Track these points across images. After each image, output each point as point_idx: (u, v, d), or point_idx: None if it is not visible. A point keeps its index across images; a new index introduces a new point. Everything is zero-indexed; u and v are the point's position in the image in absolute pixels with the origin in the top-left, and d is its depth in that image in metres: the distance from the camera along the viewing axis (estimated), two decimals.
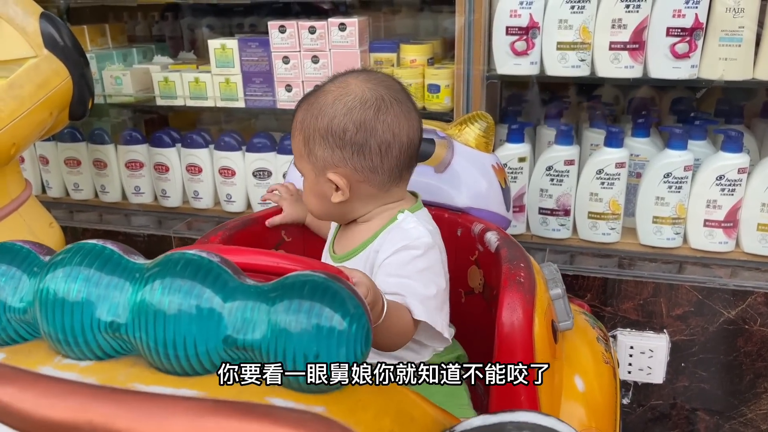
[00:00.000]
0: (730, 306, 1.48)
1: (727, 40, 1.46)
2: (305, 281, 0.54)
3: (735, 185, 1.51)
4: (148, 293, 0.54)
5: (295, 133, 0.97)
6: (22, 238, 1.55)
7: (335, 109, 0.92)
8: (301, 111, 0.96)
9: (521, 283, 0.94)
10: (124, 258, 0.58)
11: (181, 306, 0.53)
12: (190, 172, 1.91)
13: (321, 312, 0.52)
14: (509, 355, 0.90)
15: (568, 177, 1.62)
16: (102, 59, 1.95)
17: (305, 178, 0.99)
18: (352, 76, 0.95)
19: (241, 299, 0.54)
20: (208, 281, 0.54)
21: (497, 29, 1.57)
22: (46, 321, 0.56)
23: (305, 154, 0.95)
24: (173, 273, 0.54)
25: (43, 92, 1.46)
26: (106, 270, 0.56)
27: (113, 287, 0.56)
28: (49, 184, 2.09)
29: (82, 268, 0.56)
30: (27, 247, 0.61)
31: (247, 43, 1.78)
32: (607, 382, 1.11)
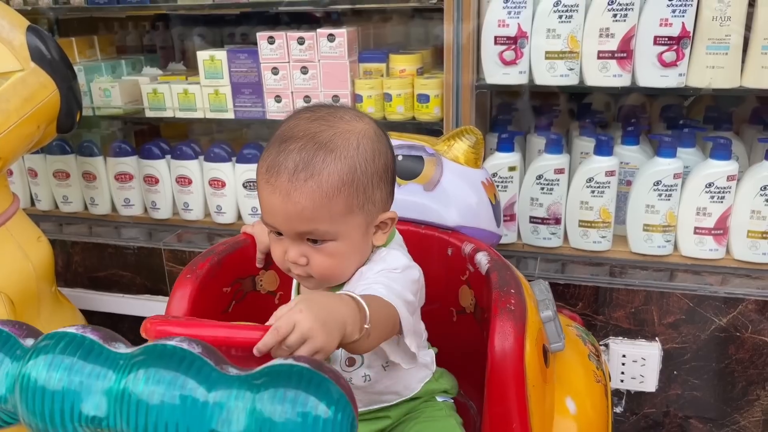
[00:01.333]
0: (722, 313, 1.48)
1: (714, 49, 1.47)
2: (289, 370, 0.54)
3: (724, 192, 1.52)
4: (131, 383, 0.54)
5: (332, 195, 0.82)
6: (10, 254, 1.54)
7: (374, 150, 0.86)
8: (333, 165, 0.82)
9: (512, 311, 0.94)
10: (105, 348, 0.57)
11: (165, 396, 0.53)
12: (180, 183, 1.90)
13: (306, 401, 0.52)
14: (501, 384, 0.91)
15: (559, 186, 1.62)
16: (90, 71, 1.94)
17: (345, 242, 0.86)
18: (335, 113, 0.88)
19: (225, 389, 0.54)
20: (191, 372, 0.54)
21: (486, 39, 1.57)
22: (26, 409, 0.56)
23: (358, 207, 0.85)
24: (157, 363, 0.54)
25: (30, 106, 1.46)
26: (88, 359, 0.56)
27: (95, 376, 0.55)
28: (38, 196, 2.08)
29: (64, 357, 0.56)
30: (6, 330, 0.61)
31: (236, 54, 1.78)
32: (599, 402, 1.11)
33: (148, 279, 1.90)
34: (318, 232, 0.84)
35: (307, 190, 0.81)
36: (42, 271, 1.58)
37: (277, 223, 0.85)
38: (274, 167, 0.83)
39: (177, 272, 1.82)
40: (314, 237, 0.85)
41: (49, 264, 1.62)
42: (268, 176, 0.84)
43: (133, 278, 1.91)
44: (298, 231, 0.85)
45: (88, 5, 1.84)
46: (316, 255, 0.86)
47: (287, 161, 0.82)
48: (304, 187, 0.81)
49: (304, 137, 0.84)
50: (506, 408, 0.91)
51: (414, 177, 1.23)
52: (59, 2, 1.88)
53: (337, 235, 0.85)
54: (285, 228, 0.85)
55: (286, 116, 0.90)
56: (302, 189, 0.81)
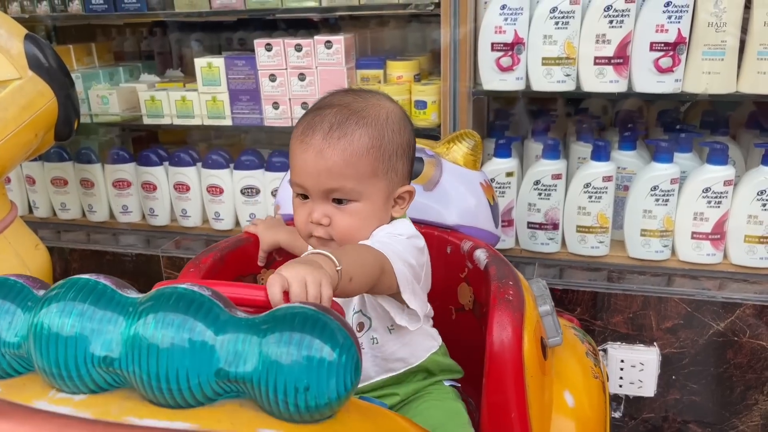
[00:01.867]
0: (719, 318, 1.49)
1: (710, 54, 1.47)
2: (295, 314, 0.55)
3: (721, 197, 1.52)
4: (141, 327, 0.55)
5: (362, 154, 0.89)
6: (8, 261, 1.54)
7: (401, 125, 0.95)
8: (364, 129, 0.90)
9: (510, 301, 0.95)
10: (117, 292, 0.58)
11: (174, 339, 0.54)
12: (178, 190, 1.90)
13: (311, 344, 0.53)
14: (499, 373, 0.91)
15: (556, 191, 1.63)
16: (88, 78, 1.95)
17: (367, 204, 0.92)
18: (367, 92, 0.97)
19: (233, 332, 0.55)
20: (200, 315, 0.55)
21: (482, 45, 1.58)
22: (40, 355, 0.56)
23: (382, 172, 0.92)
24: (166, 307, 0.55)
25: (28, 114, 1.46)
26: (99, 305, 0.57)
27: (107, 321, 0.56)
28: (36, 204, 2.08)
29: (75, 303, 0.57)
30: (21, 281, 0.62)
31: (233, 61, 1.78)
32: (597, 397, 1.11)
33: (146, 286, 1.85)
34: (344, 189, 0.90)
35: (339, 147, 0.89)
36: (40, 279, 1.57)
37: (307, 180, 0.91)
38: (310, 127, 0.91)
39: (175, 279, 1.82)
40: (340, 196, 0.91)
41: (47, 271, 1.62)
42: (303, 136, 0.91)
43: (131, 285, 1.89)
44: (325, 187, 0.90)
45: (85, 13, 1.84)
46: (339, 215, 0.92)
47: (323, 123, 0.90)
48: (336, 145, 0.89)
49: (338, 105, 0.92)
50: (505, 397, 0.91)
51: (414, 177, 1.23)
52: (57, 10, 1.88)
53: (361, 195, 0.91)
54: (313, 185, 0.91)
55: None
56: (335, 146, 0.89)
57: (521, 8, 1.54)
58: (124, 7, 1.80)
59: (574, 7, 1.50)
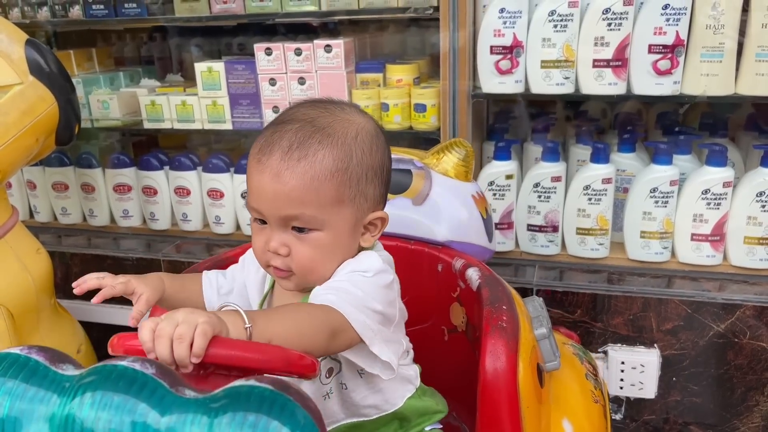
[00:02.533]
0: (720, 319, 1.49)
1: (708, 56, 1.48)
2: (250, 391, 0.50)
3: (720, 199, 1.53)
4: (77, 407, 0.50)
5: (324, 179, 0.80)
6: (9, 266, 1.54)
7: (372, 144, 0.84)
8: (328, 149, 0.80)
9: (504, 328, 0.91)
10: (51, 369, 0.53)
11: (112, 423, 0.49)
12: (179, 194, 1.91)
13: (268, 425, 0.48)
14: (493, 405, 0.87)
15: (556, 193, 1.63)
16: (89, 83, 1.95)
17: (330, 234, 0.83)
18: (337, 105, 0.86)
19: (180, 413, 0.50)
20: (143, 395, 0.50)
21: (481, 48, 1.58)
22: None
23: (348, 198, 0.82)
24: (105, 386, 0.50)
25: (29, 119, 1.46)
26: (32, 381, 0.52)
27: (38, 401, 0.51)
28: (37, 208, 2.08)
29: (5, 380, 0.52)
30: None
31: (233, 65, 1.79)
32: (598, 423, 1.07)
33: None
34: (304, 217, 0.81)
35: (298, 170, 0.79)
36: (41, 284, 1.58)
37: (263, 205, 0.82)
38: (268, 146, 0.81)
39: None
40: (300, 224, 0.82)
41: (48, 276, 1.62)
42: (260, 156, 0.81)
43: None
44: (284, 214, 0.81)
45: (86, 18, 1.85)
46: (299, 245, 0.82)
47: (282, 140, 0.80)
48: (296, 167, 0.79)
49: (302, 120, 0.82)
50: (499, 430, 0.87)
51: (402, 191, 1.19)
52: (57, 15, 1.88)
53: (324, 224, 0.82)
54: (271, 210, 0.81)
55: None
56: (294, 169, 0.79)
57: (520, 11, 1.54)
58: (124, 13, 1.81)
59: (572, 10, 1.51)
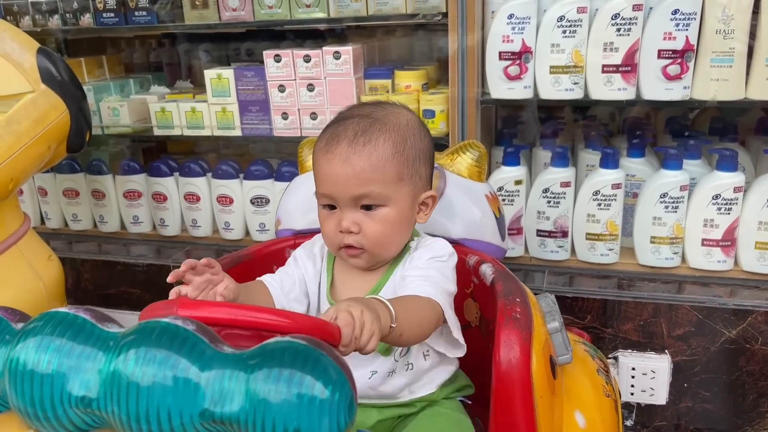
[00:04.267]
0: (731, 325, 1.48)
1: (718, 61, 1.47)
2: (285, 348, 0.52)
3: (731, 204, 1.52)
4: (122, 363, 0.52)
5: (387, 159, 0.92)
6: (21, 272, 1.55)
7: (420, 130, 0.98)
8: (387, 135, 0.93)
9: (517, 319, 0.92)
10: (97, 327, 0.55)
11: (156, 377, 0.51)
12: (188, 200, 1.92)
13: (302, 380, 0.49)
14: (507, 395, 0.88)
15: (565, 199, 1.63)
16: (99, 91, 1.97)
17: (395, 209, 0.94)
18: (385, 103, 1.00)
19: (219, 368, 0.51)
20: (184, 350, 0.52)
21: (490, 54, 1.59)
22: (16, 394, 0.54)
23: (407, 177, 0.94)
24: (148, 342, 0.52)
25: (41, 127, 1.47)
26: (78, 339, 0.54)
27: (85, 358, 0.53)
28: (48, 215, 2.10)
29: (53, 338, 0.54)
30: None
31: (243, 72, 1.79)
32: (609, 416, 1.09)
33: (157, 296, 1.89)
34: (372, 194, 0.92)
35: (365, 153, 0.91)
36: (53, 290, 1.59)
37: (334, 188, 0.92)
38: (335, 137, 0.93)
39: None
40: (368, 201, 0.93)
41: (59, 282, 1.63)
42: (328, 146, 0.93)
43: (143, 295, 1.91)
44: (354, 194, 0.92)
45: (96, 26, 1.87)
46: (368, 222, 0.93)
47: (347, 131, 0.93)
48: (362, 151, 0.91)
49: (360, 115, 0.95)
50: (513, 419, 0.89)
51: None
52: (68, 23, 1.90)
53: (389, 200, 0.93)
54: (341, 192, 0.92)
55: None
56: (360, 152, 0.91)
57: (529, 17, 1.54)
58: (134, 20, 1.82)
59: (581, 16, 1.51)
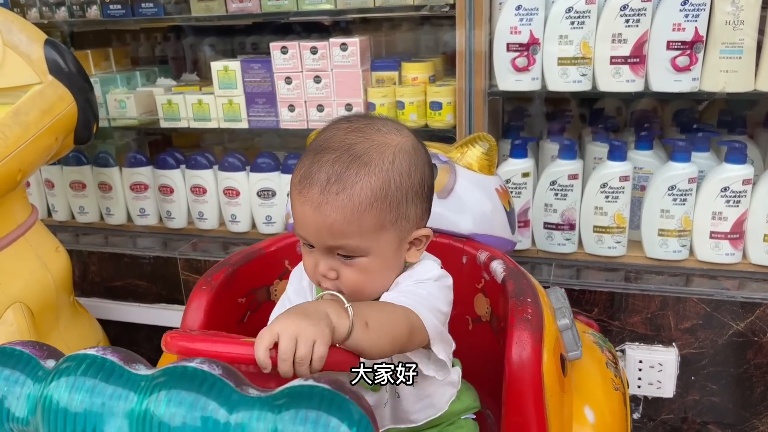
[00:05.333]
0: (739, 318, 1.48)
1: (727, 53, 1.46)
2: (311, 391, 0.54)
3: (740, 196, 1.51)
4: (153, 404, 0.54)
5: (364, 210, 0.80)
6: (29, 264, 1.55)
7: (410, 165, 0.85)
8: (366, 179, 0.80)
9: (529, 320, 0.94)
10: (126, 369, 0.57)
11: (186, 418, 0.53)
12: (195, 193, 1.92)
13: (327, 422, 0.52)
14: (519, 394, 0.90)
15: (573, 191, 1.62)
16: (106, 83, 1.97)
17: (375, 258, 0.84)
18: (372, 125, 0.87)
19: (246, 410, 0.54)
20: (212, 394, 0.54)
21: (498, 46, 1.58)
22: (48, 431, 0.56)
23: (390, 223, 0.83)
24: (178, 385, 0.55)
25: (48, 118, 1.48)
26: (110, 381, 0.56)
27: (117, 398, 0.55)
28: (55, 207, 2.10)
29: (86, 378, 0.56)
30: (27, 351, 0.61)
31: (249, 64, 1.79)
32: (618, 410, 1.10)
33: (163, 288, 1.91)
34: (348, 247, 0.82)
35: (338, 203, 0.80)
36: (60, 281, 1.59)
37: (307, 234, 0.84)
38: (307, 178, 0.82)
39: (192, 281, 1.83)
40: (344, 252, 0.83)
41: (67, 274, 1.64)
42: (300, 187, 0.82)
43: (149, 287, 1.92)
44: (327, 245, 0.83)
45: (103, 18, 1.86)
46: (346, 270, 0.84)
47: (320, 173, 0.81)
48: (335, 201, 0.80)
49: (339, 149, 0.82)
50: (524, 418, 0.90)
51: None
52: (75, 15, 1.90)
53: (368, 251, 0.83)
54: (315, 240, 0.84)
55: (324, 126, 0.89)
56: (333, 202, 0.80)
57: (536, 8, 1.54)
58: (141, 12, 1.82)
59: (589, 7, 1.50)
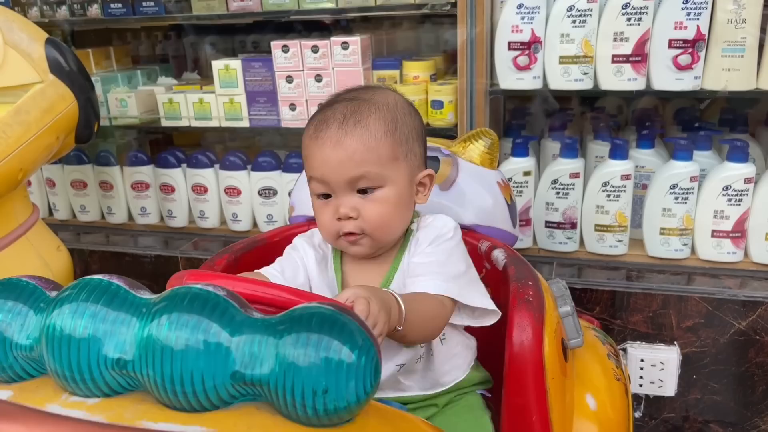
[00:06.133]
0: (741, 317, 1.47)
1: (729, 51, 1.46)
2: (313, 314, 0.54)
3: (742, 195, 1.51)
4: (155, 328, 0.54)
5: (380, 138, 0.88)
6: (30, 262, 1.55)
7: (410, 109, 0.95)
8: (377, 114, 0.89)
9: (530, 302, 0.94)
10: (131, 293, 0.57)
11: (188, 341, 0.53)
12: (196, 192, 1.92)
13: (329, 345, 0.51)
14: (520, 376, 0.90)
15: (574, 190, 1.62)
16: (107, 82, 1.97)
17: (393, 189, 0.90)
18: (371, 86, 1.00)
19: (249, 333, 0.53)
20: (215, 315, 0.54)
21: (499, 44, 1.58)
22: (53, 358, 0.56)
23: (402, 155, 0.91)
24: (180, 308, 0.54)
25: (50, 117, 1.48)
26: (112, 306, 0.56)
27: (120, 323, 0.55)
28: (56, 206, 2.10)
29: (88, 304, 0.56)
30: (33, 282, 0.61)
31: (250, 63, 1.79)
32: (619, 400, 1.10)
33: (164, 287, 1.90)
34: (369, 175, 0.88)
35: (356, 134, 0.87)
36: (62, 280, 1.59)
37: (328, 173, 0.88)
38: (323, 122, 0.89)
39: None
40: (365, 184, 0.89)
41: (68, 273, 1.64)
42: (317, 132, 0.89)
43: (150, 286, 1.86)
44: (349, 176, 0.88)
45: (104, 17, 1.86)
46: (367, 205, 0.89)
47: (335, 114, 0.89)
48: (354, 132, 0.87)
49: (346, 98, 0.92)
50: (526, 400, 0.90)
51: None
52: (76, 14, 1.90)
53: (386, 180, 0.89)
54: (336, 177, 0.88)
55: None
56: (352, 133, 0.87)
57: (538, 7, 1.53)
58: (142, 11, 1.82)
59: (591, 5, 1.50)
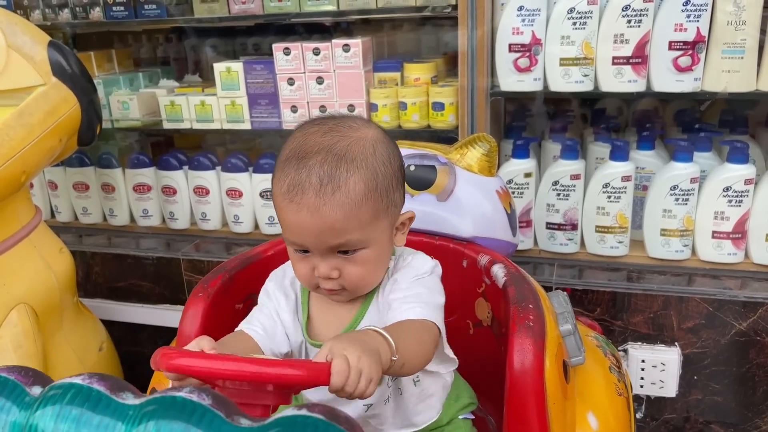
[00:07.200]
0: (741, 318, 1.48)
1: (729, 53, 1.47)
2: (304, 422, 0.53)
3: (742, 196, 1.51)
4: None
5: (360, 202, 0.82)
6: (33, 264, 1.55)
7: (389, 153, 0.87)
8: (357, 174, 0.82)
9: (530, 327, 0.93)
10: (113, 399, 0.57)
11: None
12: (198, 194, 1.92)
13: None
14: (520, 403, 0.89)
15: (575, 191, 1.62)
16: (109, 84, 1.97)
17: (374, 248, 0.87)
18: (343, 123, 0.87)
19: None
20: (202, 424, 0.53)
21: (500, 46, 1.58)
22: None
23: (383, 211, 0.86)
24: (167, 415, 0.54)
25: (52, 120, 1.48)
26: (96, 410, 0.56)
27: (104, 428, 0.55)
28: (58, 208, 2.11)
29: (72, 407, 0.55)
30: (12, 378, 0.60)
31: (252, 65, 1.80)
32: (622, 416, 1.09)
33: (166, 289, 1.91)
34: (351, 242, 0.84)
35: (336, 202, 0.81)
36: (64, 282, 1.60)
37: (306, 240, 0.84)
38: (297, 185, 0.81)
39: (195, 282, 1.83)
40: (346, 248, 0.85)
41: (71, 275, 1.64)
42: (291, 195, 0.82)
43: (152, 288, 1.92)
44: (330, 245, 0.83)
45: (106, 20, 1.87)
46: (348, 266, 0.86)
47: (311, 177, 0.81)
48: (332, 200, 0.81)
49: (321, 151, 0.82)
50: (527, 427, 0.90)
51: (427, 187, 1.20)
52: (78, 17, 1.90)
53: (368, 242, 0.85)
54: (315, 244, 0.84)
55: (293, 132, 0.89)
56: (331, 202, 0.81)
57: (538, 9, 1.54)
58: (144, 14, 1.82)
59: (591, 8, 1.50)
